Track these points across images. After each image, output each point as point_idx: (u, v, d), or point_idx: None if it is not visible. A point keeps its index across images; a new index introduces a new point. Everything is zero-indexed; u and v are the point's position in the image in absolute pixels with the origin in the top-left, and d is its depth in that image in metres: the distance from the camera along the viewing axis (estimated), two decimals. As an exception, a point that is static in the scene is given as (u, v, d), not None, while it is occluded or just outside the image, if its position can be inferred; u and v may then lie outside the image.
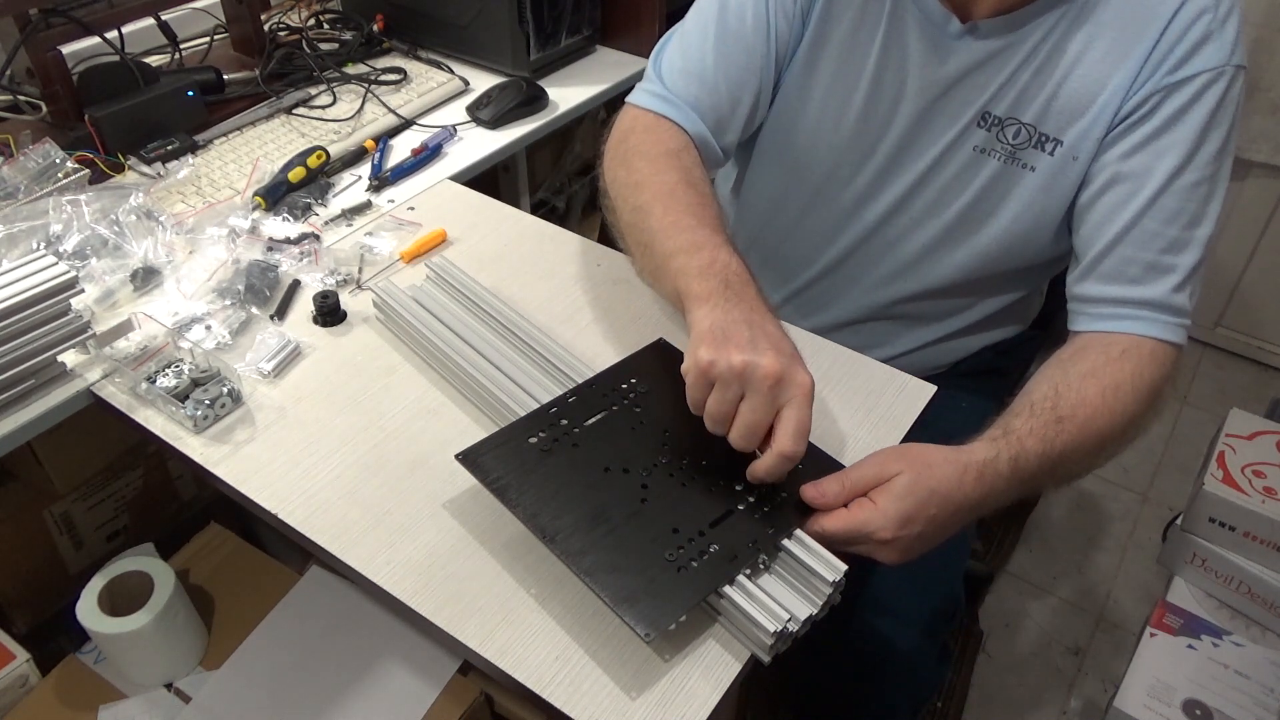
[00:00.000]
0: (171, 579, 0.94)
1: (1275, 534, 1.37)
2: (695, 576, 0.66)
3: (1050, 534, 1.71)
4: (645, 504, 0.71)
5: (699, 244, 0.78)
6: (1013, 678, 1.48)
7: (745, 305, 0.73)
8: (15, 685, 0.93)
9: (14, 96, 1.21)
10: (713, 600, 0.67)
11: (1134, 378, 0.81)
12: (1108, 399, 0.80)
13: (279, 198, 1.10)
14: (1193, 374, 2.06)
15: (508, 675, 0.65)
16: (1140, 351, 0.83)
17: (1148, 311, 0.84)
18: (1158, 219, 0.83)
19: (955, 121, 0.90)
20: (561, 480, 0.72)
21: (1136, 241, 0.84)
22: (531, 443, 0.75)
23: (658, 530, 0.69)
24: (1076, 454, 0.78)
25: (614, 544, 0.68)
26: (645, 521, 0.70)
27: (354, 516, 0.75)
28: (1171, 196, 0.83)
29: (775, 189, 1.06)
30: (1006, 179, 0.90)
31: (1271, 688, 1.30)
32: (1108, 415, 0.79)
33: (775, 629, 0.63)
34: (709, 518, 0.70)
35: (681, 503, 0.71)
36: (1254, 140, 1.81)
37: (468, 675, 0.94)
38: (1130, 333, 0.84)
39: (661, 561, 0.67)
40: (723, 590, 0.66)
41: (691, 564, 0.67)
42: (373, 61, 1.40)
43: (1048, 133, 0.87)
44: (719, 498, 0.71)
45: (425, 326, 0.88)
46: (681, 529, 0.69)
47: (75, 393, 0.85)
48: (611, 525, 0.69)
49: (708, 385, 0.70)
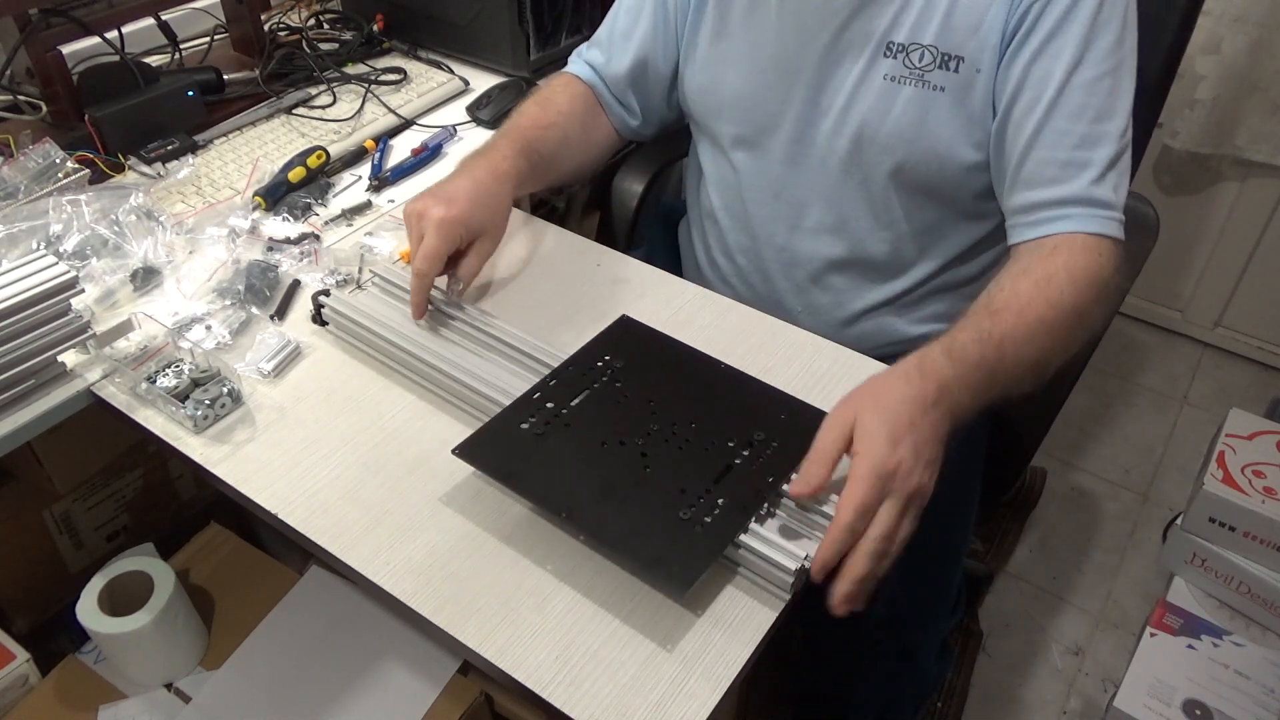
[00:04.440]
0: (171, 579, 0.94)
1: (1275, 534, 1.37)
2: (712, 530, 0.68)
3: (1050, 534, 1.71)
4: (648, 471, 0.73)
5: (493, 143, 1.00)
6: (1013, 678, 1.48)
7: (469, 168, 0.95)
8: (15, 685, 0.93)
9: (14, 96, 1.21)
10: (730, 552, 0.69)
11: (1067, 268, 0.84)
12: (1041, 288, 0.83)
13: (279, 198, 1.10)
14: (1193, 374, 2.06)
15: (508, 675, 0.65)
16: (1071, 245, 0.86)
17: (1070, 208, 0.87)
18: (1064, 117, 0.86)
19: (862, 54, 0.93)
20: (562, 460, 0.74)
21: (1047, 143, 0.87)
22: (524, 428, 0.77)
23: (666, 493, 0.71)
24: (1018, 339, 0.80)
25: (628, 512, 0.70)
26: (652, 487, 0.72)
27: (354, 516, 0.75)
28: (1073, 93, 0.86)
29: (728, 174, 1.08)
30: (920, 103, 0.92)
31: (1271, 688, 1.30)
32: (1043, 302, 0.82)
33: (795, 566, 0.66)
34: (711, 475, 0.73)
35: (682, 465, 0.74)
36: (1254, 140, 1.80)
37: (468, 675, 0.94)
38: (1058, 232, 0.87)
39: (677, 521, 0.69)
40: (739, 539, 0.68)
41: (705, 520, 0.69)
42: (373, 61, 1.40)
43: (949, 52, 0.90)
44: (716, 455, 0.74)
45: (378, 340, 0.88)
46: (688, 489, 0.71)
47: (75, 393, 0.85)
48: (621, 495, 0.71)
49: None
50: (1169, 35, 1.06)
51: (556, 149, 1.05)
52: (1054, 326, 0.82)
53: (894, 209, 0.98)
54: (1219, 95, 1.78)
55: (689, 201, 1.21)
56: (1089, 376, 2.02)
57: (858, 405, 0.72)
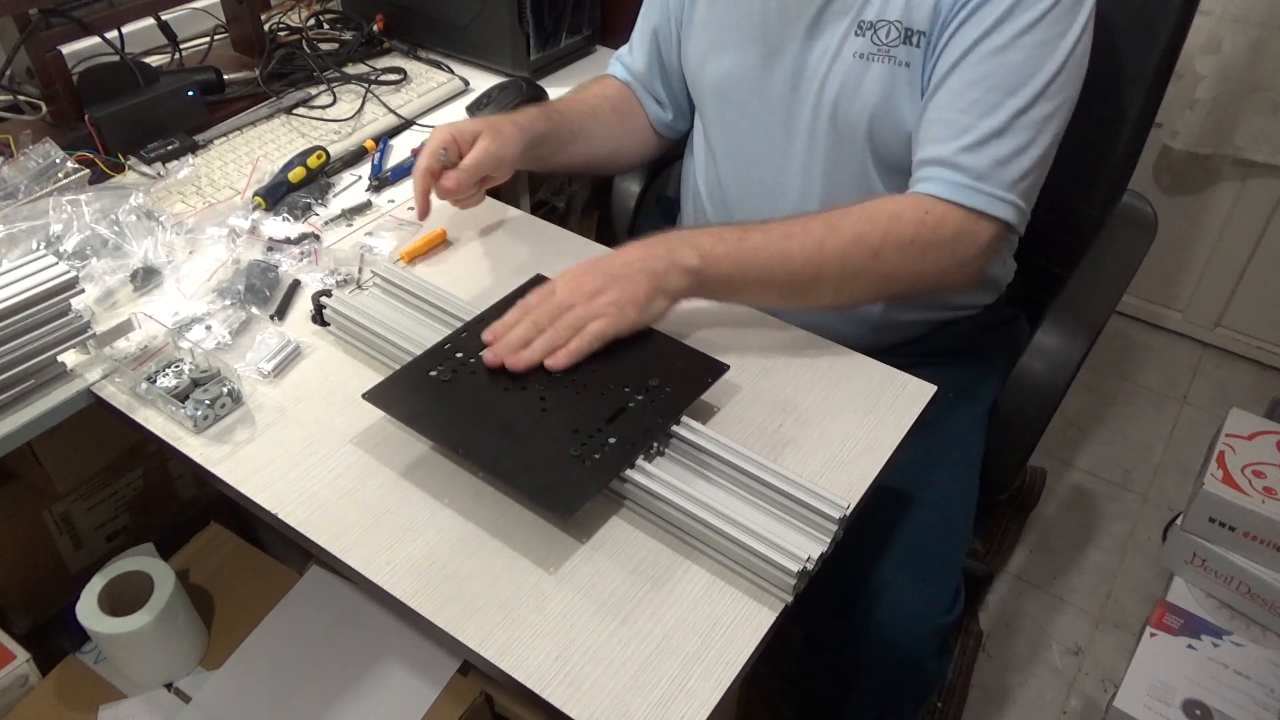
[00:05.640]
0: (171, 579, 0.94)
1: (1275, 534, 1.37)
2: (600, 465, 0.73)
3: (1050, 534, 1.71)
4: (545, 413, 0.77)
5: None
6: (1013, 678, 1.48)
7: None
8: (15, 685, 0.93)
9: (14, 96, 1.21)
10: (619, 486, 0.74)
11: (865, 207, 0.88)
12: (825, 215, 0.88)
13: (279, 198, 1.10)
14: (1193, 374, 2.06)
15: (508, 675, 0.65)
16: (910, 201, 0.88)
17: (932, 169, 0.89)
18: (960, 80, 0.88)
19: (836, 32, 0.95)
20: (465, 403, 0.79)
21: (939, 103, 0.89)
22: (432, 375, 0.81)
23: (560, 432, 0.76)
24: (773, 234, 0.86)
25: (522, 448, 0.75)
26: (548, 426, 0.76)
27: (354, 516, 0.75)
28: (976, 60, 0.87)
29: (711, 159, 1.10)
30: (887, 79, 0.93)
31: (1271, 688, 1.30)
32: (820, 223, 0.87)
33: (797, 568, 0.67)
34: (604, 416, 0.77)
35: (579, 407, 0.78)
36: (1254, 140, 1.80)
37: (468, 675, 0.94)
38: (915, 192, 0.89)
39: (567, 456, 0.73)
40: (625, 474, 0.73)
41: (594, 456, 0.74)
42: (373, 61, 1.40)
43: (912, 28, 0.91)
44: (612, 399, 0.79)
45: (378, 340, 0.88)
46: (581, 428, 0.76)
47: (75, 393, 0.85)
48: (517, 434, 0.76)
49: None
50: (1166, 35, 1.06)
51: (583, 121, 1.10)
52: (823, 241, 0.86)
53: (874, 186, 0.99)
54: (1219, 95, 1.78)
55: (683, 196, 1.21)
56: (1089, 376, 2.03)
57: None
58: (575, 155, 1.10)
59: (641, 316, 0.83)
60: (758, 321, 0.94)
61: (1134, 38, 1.06)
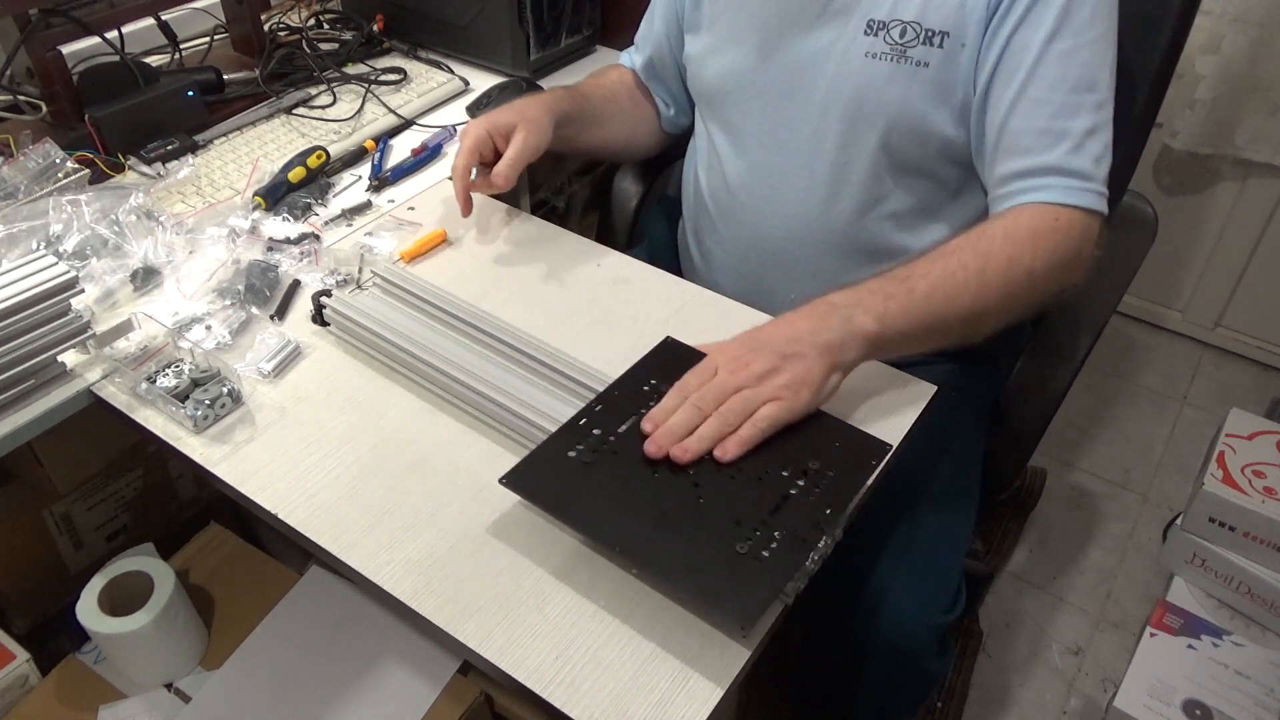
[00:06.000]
0: (171, 579, 0.94)
1: (1275, 534, 1.37)
2: (771, 563, 0.66)
3: (1050, 534, 1.71)
4: (702, 502, 0.70)
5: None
6: (1013, 678, 1.48)
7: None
8: (15, 685, 0.93)
9: (14, 96, 1.21)
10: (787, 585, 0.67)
11: (1003, 225, 0.86)
12: (969, 239, 0.85)
13: (279, 198, 1.10)
14: (1193, 374, 2.06)
15: (508, 675, 0.65)
16: (1025, 211, 0.87)
17: (1044, 178, 0.88)
18: (1041, 87, 0.87)
19: (842, 32, 0.94)
20: (613, 489, 0.71)
21: (1024, 112, 0.88)
22: (571, 456, 0.74)
23: (722, 525, 0.68)
24: (932, 277, 0.83)
25: (684, 544, 0.67)
26: (707, 518, 0.69)
27: (354, 516, 0.75)
28: (1050, 63, 0.86)
29: (715, 160, 1.10)
30: (902, 79, 0.92)
31: (1271, 688, 1.30)
32: (969, 250, 0.84)
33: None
34: (768, 505, 0.70)
35: (737, 494, 0.71)
36: (1254, 140, 1.80)
37: (468, 675, 0.94)
38: (1031, 202, 0.88)
39: (734, 554, 0.67)
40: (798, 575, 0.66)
41: (763, 553, 0.67)
42: (373, 61, 1.40)
43: (933, 28, 0.90)
44: (772, 485, 0.71)
45: (378, 340, 0.88)
46: (744, 520, 0.69)
47: (75, 393, 0.85)
48: (675, 527, 0.69)
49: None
50: (1167, 35, 1.06)
51: (604, 105, 1.14)
52: (982, 272, 0.83)
53: (885, 187, 0.98)
54: (1219, 95, 1.78)
55: (684, 196, 1.21)
56: (1089, 376, 2.02)
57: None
58: (595, 138, 1.13)
59: (816, 399, 0.76)
60: (758, 321, 0.94)
61: (1136, 38, 1.06)
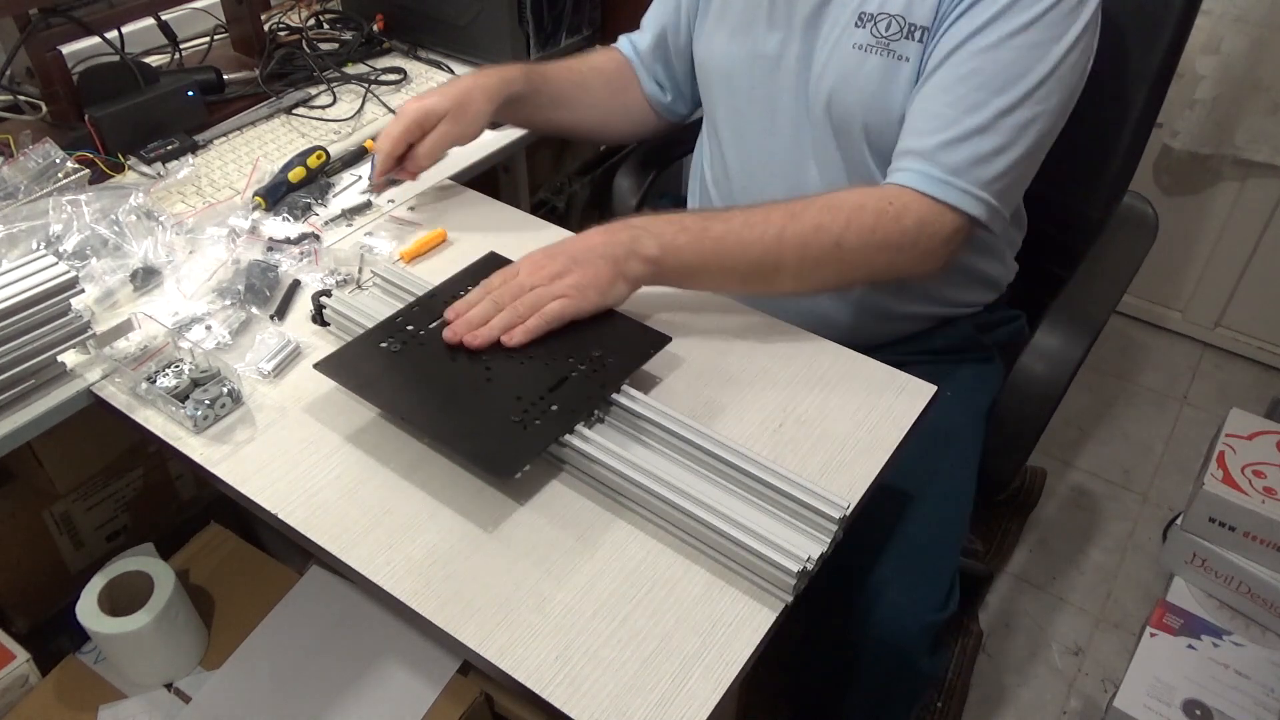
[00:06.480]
0: (171, 579, 0.94)
1: (1275, 534, 1.37)
2: (540, 429, 0.75)
3: (1050, 534, 1.71)
4: (490, 382, 0.80)
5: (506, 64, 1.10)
6: (1013, 678, 1.48)
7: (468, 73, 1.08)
8: (15, 685, 0.93)
9: (14, 96, 1.21)
10: (559, 450, 0.76)
11: (827, 197, 0.89)
12: (788, 204, 0.88)
13: (279, 198, 1.10)
14: (1193, 374, 2.06)
15: (508, 675, 0.65)
16: (876, 192, 0.89)
17: (909, 160, 0.89)
18: (948, 75, 0.88)
19: (838, 24, 0.96)
20: (413, 374, 0.81)
21: (925, 94, 0.90)
22: (383, 347, 0.83)
23: (504, 400, 0.78)
24: (734, 223, 0.87)
25: (466, 416, 0.77)
26: (492, 395, 0.79)
27: (354, 516, 0.75)
28: (965, 55, 0.88)
29: (717, 149, 1.11)
30: (884, 71, 0.93)
31: (1271, 688, 1.30)
32: (781, 211, 0.87)
33: (797, 568, 0.67)
34: (547, 385, 0.79)
35: (523, 377, 0.80)
36: (1254, 140, 1.81)
37: (468, 675, 0.94)
38: (890, 183, 0.89)
39: (508, 422, 0.76)
40: (565, 439, 0.75)
41: (535, 422, 0.76)
42: (373, 61, 1.40)
43: (915, 22, 0.91)
44: (556, 369, 0.81)
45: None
46: (524, 396, 0.78)
47: (75, 393, 0.85)
48: (462, 403, 0.78)
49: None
50: (1168, 35, 1.06)
51: (569, 89, 1.14)
52: (782, 230, 0.86)
53: (874, 178, 0.99)
54: (1219, 95, 1.78)
55: (690, 191, 1.22)
56: (1089, 376, 2.03)
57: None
58: (557, 119, 1.15)
59: (602, 300, 0.84)
60: (758, 321, 0.94)
61: (1137, 38, 1.07)
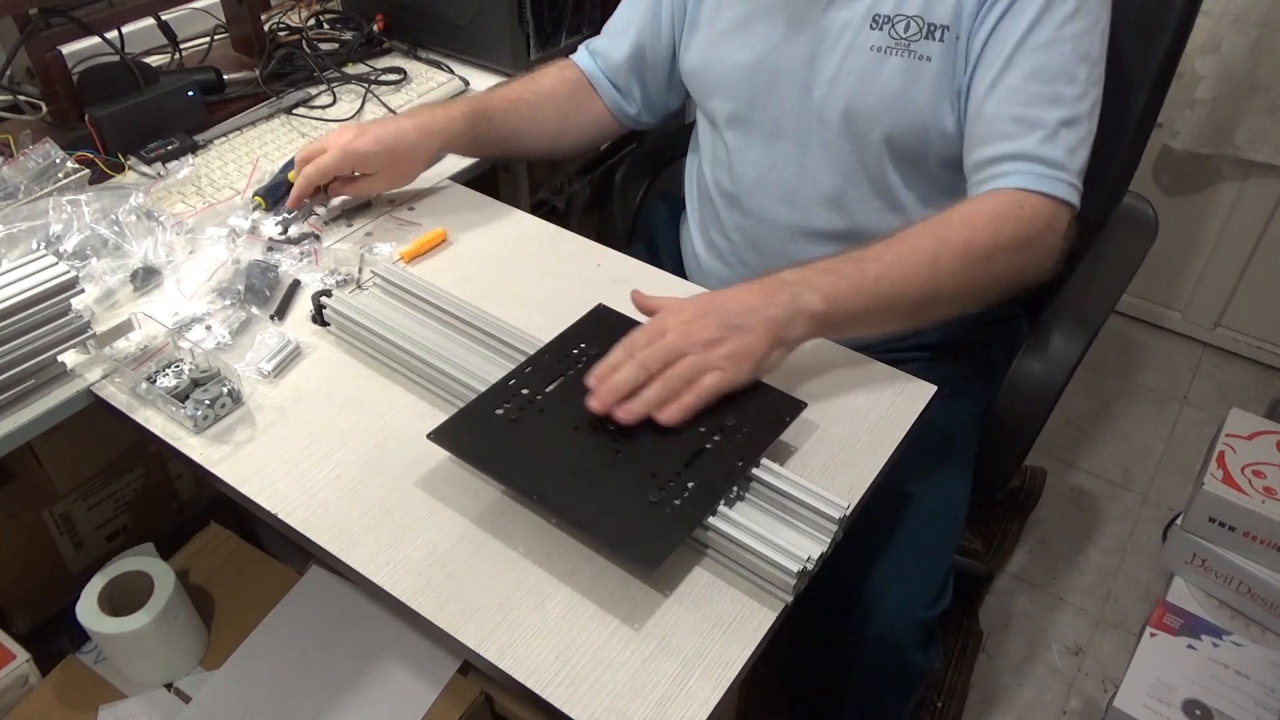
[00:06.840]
0: (171, 579, 0.94)
1: (1275, 534, 1.37)
2: (681, 512, 0.70)
3: (1050, 534, 1.71)
4: (619, 455, 0.74)
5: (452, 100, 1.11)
6: (1013, 678, 1.48)
7: (412, 114, 1.07)
8: (15, 685, 0.93)
9: (14, 96, 1.21)
10: (700, 534, 0.71)
11: (963, 210, 0.87)
12: (928, 225, 0.86)
13: (279, 198, 1.10)
14: (1193, 374, 2.06)
15: (508, 675, 0.65)
16: (988, 196, 0.88)
17: (1014, 163, 0.88)
18: (1017, 75, 0.88)
19: (849, 26, 0.95)
20: (535, 444, 0.75)
21: (1000, 98, 0.89)
22: (498, 414, 0.78)
23: (636, 477, 0.72)
24: (886, 259, 0.83)
25: (598, 494, 0.71)
26: (623, 471, 0.73)
27: (354, 516, 0.75)
28: (1027, 53, 0.87)
29: (722, 152, 1.10)
30: (906, 73, 0.93)
31: (1271, 688, 1.30)
32: (926, 235, 0.84)
33: (798, 568, 0.66)
34: (682, 459, 0.73)
35: (654, 449, 0.74)
36: (1254, 140, 1.80)
37: (468, 675, 0.94)
38: (1000, 188, 0.88)
39: (646, 503, 0.70)
40: (708, 521, 0.69)
41: (674, 502, 0.70)
42: (373, 61, 1.40)
43: (935, 22, 0.91)
44: (688, 441, 0.75)
45: (378, 340, 0.88)
46: (659, 473, 0.72)
47: (75, 393, 0.85)
48: (592, 478, 0.72)
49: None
50: (1168, 35, 1.06)
51: (517, 124, 1.12)
52: (936, 257, 0.83)
53: (890, 180, 0.99)
54: (1219, 95, 1.78)
55: (687, 187, 1.21)
56: (1089, 376, 2.02)
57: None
58: (504, 152, 1.16)
59: (755, 372, 0.78)
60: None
61: (1137, 38, 1.06)
